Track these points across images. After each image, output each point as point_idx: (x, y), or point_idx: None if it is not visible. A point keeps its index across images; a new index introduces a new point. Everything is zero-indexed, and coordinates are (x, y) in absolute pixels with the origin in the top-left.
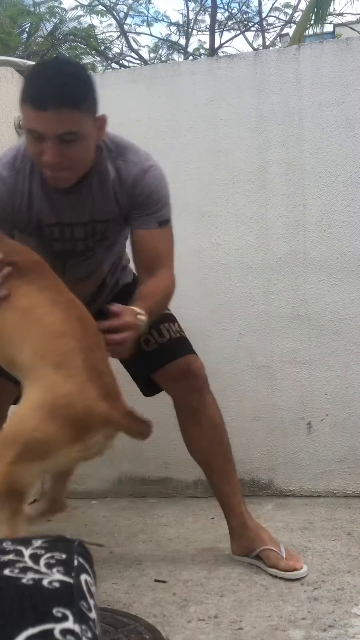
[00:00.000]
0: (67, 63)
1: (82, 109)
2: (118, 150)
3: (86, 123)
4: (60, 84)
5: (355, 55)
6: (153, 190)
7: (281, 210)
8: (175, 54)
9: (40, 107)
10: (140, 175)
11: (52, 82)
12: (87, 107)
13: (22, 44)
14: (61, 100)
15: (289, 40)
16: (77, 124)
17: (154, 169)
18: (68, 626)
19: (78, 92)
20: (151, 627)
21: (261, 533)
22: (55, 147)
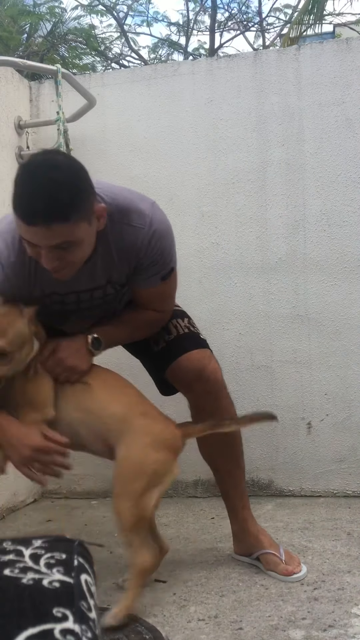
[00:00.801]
0: (55, 168)
1: (73, 219)
2: (121, 213)
3: (80, 229)
4: (47, 198)
5: (355, 55)
6: (159, 253)
7: (281, 210)
8: (175, 54)
9: (29, 222)
10: (147, 240)
11: (38, 196)
12: (79, 215)
13: (22, 44)
14: (49, 216)
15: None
16: (69, 235)
17: (158, 230)
18: (68, 626)
19: (67, 204)
20: (151, 627)
21: (261, 537)
22: (51, 254)
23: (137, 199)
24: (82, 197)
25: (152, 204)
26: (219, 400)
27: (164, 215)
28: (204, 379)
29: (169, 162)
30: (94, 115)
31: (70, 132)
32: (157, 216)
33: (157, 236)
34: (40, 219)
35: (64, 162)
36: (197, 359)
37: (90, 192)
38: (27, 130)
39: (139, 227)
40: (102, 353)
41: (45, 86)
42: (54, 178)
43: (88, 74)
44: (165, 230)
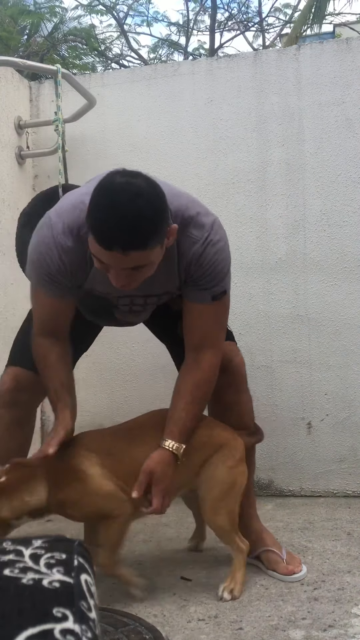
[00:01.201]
0: (138, 197)
1: (150, 247)
2: (182, 224)
3: (153, 253)
4: (129, 229)
5: (355, 55)
6: (210, 267)
7: (281, 210)
8: (175, 54)
9: (106, 247)
10: (199, 253)
11: (120, 225)
12: (154, 242)
13: (22, 44)
14: (128, 245)
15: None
16: (144, 260)
17: (213, 245)
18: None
19: (146, 234)
20: (151, 627)
21: (264, 535)
22: (121, 274)
23: (202, 213)
24: (161, 225)
25: (214, 220)
26: (240, 394)
27: (223, 233)
28: (229, 371)
29: (169, 162)
30: (94, 115)
31: (70, 132)
32: (216, 232)
33: (211, 250)
34: (119, 247)
35: (146, 188)
36: (225, 350)
37: (167, 217)
38: (27, 130)
39: (195, 238)
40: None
41: (45, 86)
42: (136, 208)
43: (88, 74)
44: (221, 247)
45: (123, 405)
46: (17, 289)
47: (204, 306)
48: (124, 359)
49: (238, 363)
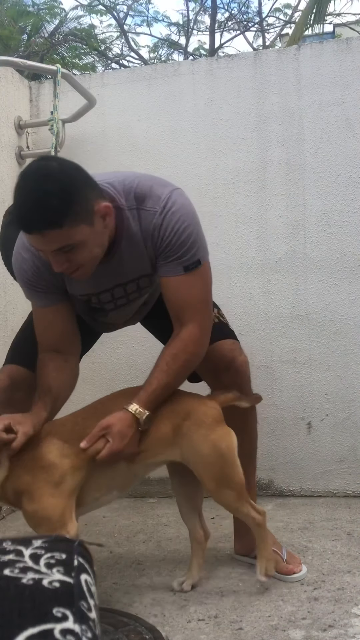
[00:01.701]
0: (46, 177)
1: (67, 225)
2: (138, 201)
3: (78, 232)
4: (38, 208)
5: (355, 55)
6: (174, 237)
7: (281, 210)
8: (175, 54)
9: (25, 230)
10: (159, 224)
11: (30, 206)
12: (73, 220)
13: (22, 44)
14: (42, 225)
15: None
16: (67, 239)
17: (173, 212)
18: (68, 626)
19: (59, 212)
20: (151, 627)
21: None
22: (57, 258)
23: (156, 185)
24: (75, 202)
25: (173, 190)
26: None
27: (185, 202)
28: (233, 370)
29: (169, 162)
30: (94, 115)
31: (70, 132)
32: (174, 201)
33: (171, 218)
34: (34, 228)
35: (55, 168)
36: (229, 349)
37: (88, 193)
38: (27, 130)
39: (152, 210)
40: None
41: (45, 86)
42: (43, 187)
43: (88, 74)
44: (184, 214)
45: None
46: (17, 289)
47: (177, 278)
48: (124, 358)
49: (241, 362)
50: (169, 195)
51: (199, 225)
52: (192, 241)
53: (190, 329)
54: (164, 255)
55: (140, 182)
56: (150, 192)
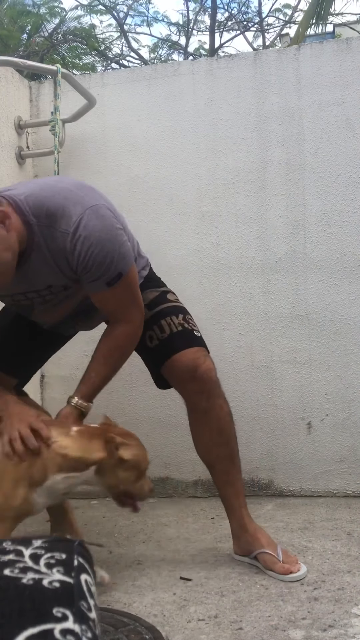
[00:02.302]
0: None
1: None
2: (49, 219)
3: None
4: None
5: (355, 55)
6: (90, 261)
7: (281, 210)
8: (175, 54)
9: None
10: (71, 247)
11: None
12: None
13: (22, 44)
14: None
15: (289, 40)
16: None
17: (85, 238)
18: (68, 626)
19: None
20: (151, 627)
21: (259, 536)
22: None
23: (70, 204)
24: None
25: (87, 209)
26: (213, 399)
27: (98, 221)
28: (197, 378)
29: (169, 162)
30: (94, 115)
31: (70, 132)
32: (87, 222)
33: (83, 242)
34: None
35: None
36: (190, 358)
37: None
38: (27, 130)
39: (64, 232)
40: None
41: (45, 86)
42: None
43: (88, 74)
44: (96, 237)
45: (122, 405)
46: None
47: (102, 293)
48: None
49: (206, 369)
50: (81, 216)
51: (114, 240)
52: (109, 261)
53: (122, 326)
54: (85, 277)
55: (53, 199)
56: (63, 213)
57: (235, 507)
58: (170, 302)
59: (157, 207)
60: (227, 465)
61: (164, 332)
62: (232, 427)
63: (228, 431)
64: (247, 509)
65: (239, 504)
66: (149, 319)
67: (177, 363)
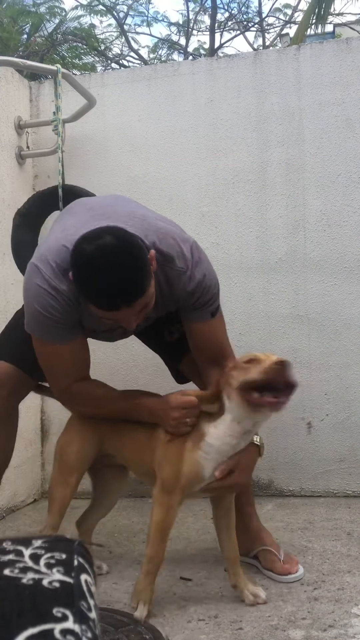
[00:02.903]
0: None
1: (146, 290)
2: (165, 259)
3: (150, 289)
4: (124, 287)
5: (355, 55)
6: (203, 291)
7: (281, 210)
8: (175, 54)
9: (111, 309)
10: (188, 281)
11: (115, 288)
12: (149, 282)
13: (22, 44)
14: (132, 299)
15: (289, 40)
16: (146, 300)
17: (199, 270)
18: (68, 626)
19: (140, 282)
20: (151, 627)
21: (262, 535)
22: (134, 319)
23: (179, 242)
24: (146, 266)
25: (191, 245)
26: None
27: (203, 255)
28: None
29: (169, 162)
30: (94, 115)
31: (70, 132)
32: (198, 258)
33: (199, 276)
34: (123, 303)
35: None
36: None
37: (146, 252)
38: (27, 130)
39: (182, 269)
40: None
41: (45, 86)
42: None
43: (88, 74)
44: (206, 270)
45: None
46: (17, 289)
47: (208, 322)
48: (124, 359)
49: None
50: (191, 253)
51: (215, 273)
52: (215, 293)
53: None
54: (195, 305)
55: (163, 238)
56: (176, 251)
57: (242, 504)
58: None
59: (157, 207)
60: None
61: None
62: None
63: None
64: (254, 507)
65: (247, 501)
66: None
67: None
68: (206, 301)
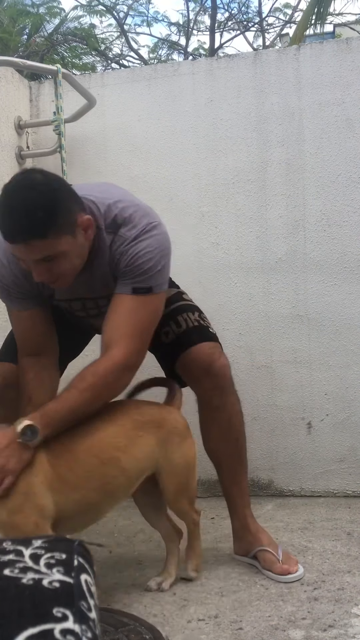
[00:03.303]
0: (31, 189)
1: (50, 236)
2: (115, 225)
3: (60, 243)
4: (24, 219)
5: (355, 55)
6: (132, 260)
7: (281, 210)
8: (175, 54)
9: (10, 240)
10: (126, 247)
11: (15, 217)
12: (57, 230)
13: (22, 44)
14: (27, 235)
15: (289, 40)
16: (49, 249)
17: (141, 241)
18: (68, 626)
19: (43, 223)
20: (151, 627)
21: (260, 535)
22: (38, 268)
23: (138, 214)
24: (59, 213)
25: (150, 222)
26: (226, 396)
27: (160, 235)
28: (212, 373)
29: (169, 162)
30: (94, 115)
31: (70, 132)
32: (149, 233)
33: (137, 246)
34: (19, 237)
35: (40, 181)
36: (206, 353)
37: (70, 206)
38: (27, 130)
39: (126, 237)
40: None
41: (45, 86)
42: (28, 198)
43: (88, 74)
44: (152, 245)
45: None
46: None
47: (122, 296)
48: None
49: (222, 365)
50: (145, 227)
51: (165, 260)
52: (149, 268)
53: (111, 353)
54: (121, 275)
55: (123, 208)
56: (130, 220)
57: (238, 507)
58: (185, 300)
59: (157, 207)
60: (234, 464)
61: (180, 327)
62: (242, 427)
63: (238, 430)
64: (250, 509)
65: (243, 503)
66: (165, 315)
67: (193, 356)
68: (133, 273)
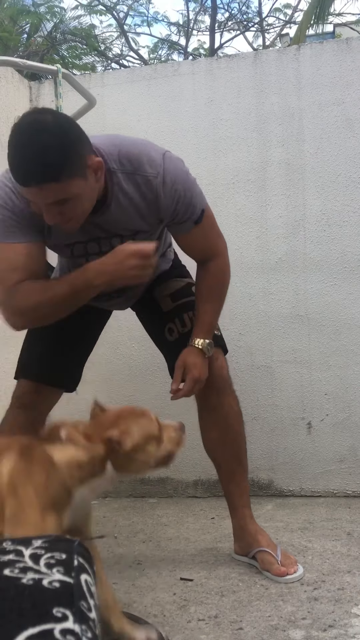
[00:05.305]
0: (42, 131)
1: (63, 179)
2: (133, 165)
3: (73, 185)
4: (35, 161)
5: (355, 55)
6: (178, 202)
7: (281, 210)
8: (175, 54)
9: (22, 183)
10: (161, 186)
11: (27, 158)
12: (69, 173)
13: (22, 44)
14: (40, 177)
15: (289, 40)
16: (62, 192)
17: (171, 178)
18: (68, 626)
19: (55, 164)
20: (151, 627)
21: (259, 536)
22: (50, 211)
23: (149, 150)
24: (71, 156)
25: (163, 154)
26: (223, 397)
27: (178, 162)
28: (210, 375)
29: None
30: (94, 115)
31: None
32: (169, 164)
33: (171, 183)
34: (32, 180)
35: (51, 122)
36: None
37: (81, 148)
38: None
39: (153, 175)
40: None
41: (45, 86)
42: (41, 140)
43: (88, 74)
44: (179, 176)
45: (122, 404)
46: None
47: (191, 233)
48: (123, 358)
49: (219, 366)
50: (163, 159)
51: (190, 180)
52: (192, 198)
53: (214, 261)
54: (175, 219)
55: (131, 146)
56: (145, 156)
57: (237, 507)
58: (194, 295)
59: None
60: (234, 464)
61: (184, 326)
62: (240, 427)
63: (236, 430)
64: (250, 509)
65: (242, 503)
66: (172, 310)
67: None
68: (184, 212)
